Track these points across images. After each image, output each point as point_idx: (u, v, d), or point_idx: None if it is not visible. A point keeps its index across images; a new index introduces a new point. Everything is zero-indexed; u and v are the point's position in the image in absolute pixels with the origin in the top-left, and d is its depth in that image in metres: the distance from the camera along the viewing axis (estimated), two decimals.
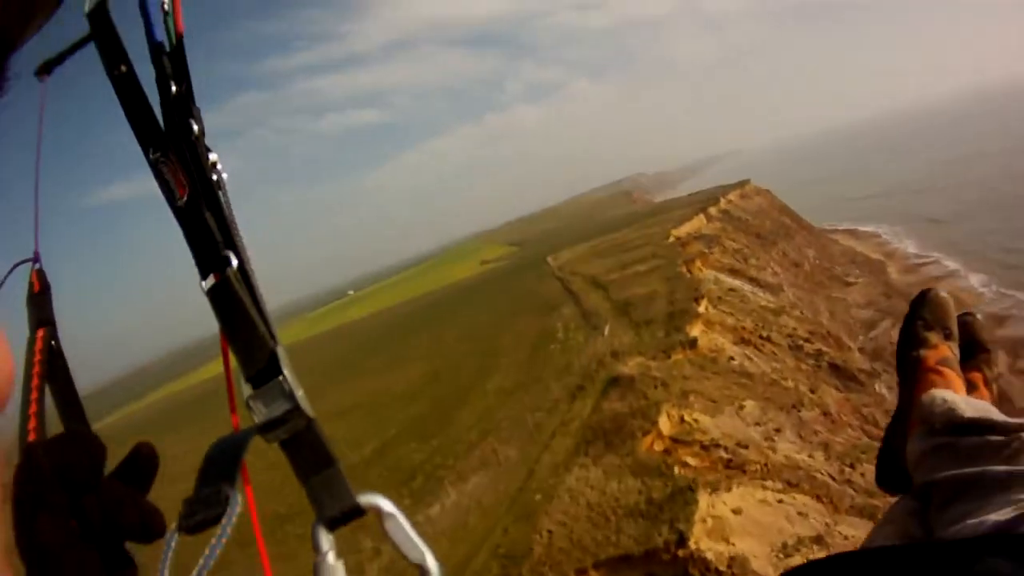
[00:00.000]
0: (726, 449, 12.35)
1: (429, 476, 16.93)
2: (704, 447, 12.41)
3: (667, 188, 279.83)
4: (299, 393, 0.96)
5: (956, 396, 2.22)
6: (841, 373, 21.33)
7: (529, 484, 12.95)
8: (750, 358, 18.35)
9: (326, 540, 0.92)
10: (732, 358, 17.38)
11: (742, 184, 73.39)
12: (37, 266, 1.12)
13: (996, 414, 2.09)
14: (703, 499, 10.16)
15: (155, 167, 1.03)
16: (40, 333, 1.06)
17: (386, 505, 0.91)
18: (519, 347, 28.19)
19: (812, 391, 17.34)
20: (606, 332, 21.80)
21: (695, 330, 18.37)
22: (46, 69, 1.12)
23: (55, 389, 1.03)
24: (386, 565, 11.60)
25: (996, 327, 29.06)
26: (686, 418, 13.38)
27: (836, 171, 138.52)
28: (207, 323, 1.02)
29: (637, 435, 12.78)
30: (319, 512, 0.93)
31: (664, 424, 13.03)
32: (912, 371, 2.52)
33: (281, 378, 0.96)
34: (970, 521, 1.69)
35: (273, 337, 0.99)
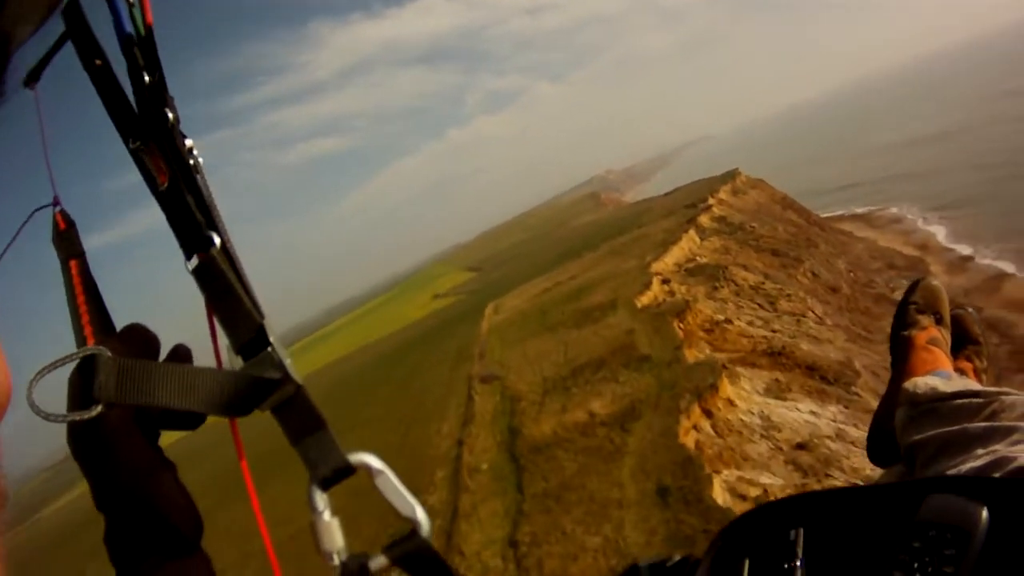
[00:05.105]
0: None
1: None
2: None
3: (638, 183, 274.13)
4: (288, 362, 1.00)
5: (938, 380, 2.23)
6: None
7: None
8: None
9: (321, 500, 0.97)
10: None
11: (732, 176, 58.57)
12: (58, 208, 1.20)
13: (976, 386, 2.29)
14: None
15: (136, 156, 1.07)
16: (73, 263, 1.13)
17: (375, 463, 0.97)
18: None
19: None
20: None
21: None
22: (33, 77, 1.15)
23: (91, 311, 1.10)
24: None
25: None
26: None
27: (812, 152, 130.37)
28: None
29: None
30: (313, 473, 0.98)
31: None
32: (903, 350, 2.65)
33: (270, 349, 1.00)
34: (949, 473, 1.74)
35: (259, 311, 1.02)
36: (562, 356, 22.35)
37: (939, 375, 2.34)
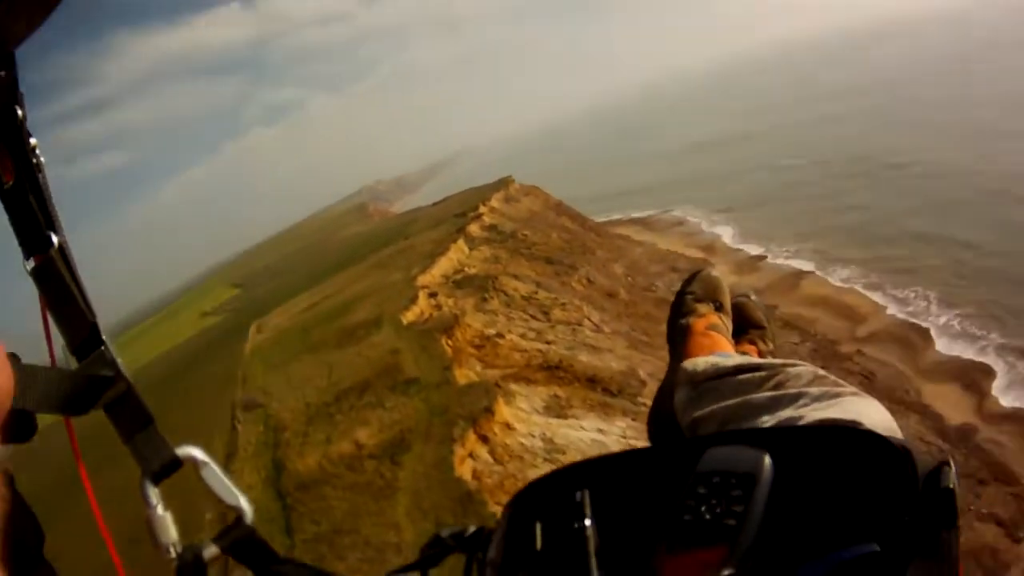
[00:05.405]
0: None
1: None
2: None
3: (407, 193, 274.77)
4: (119, 360, 1.04)
5: (718, 358, 2.20)
6: None
7: None
8: None
9: (153, 494, 1.02)
10: None
11: (504, 183, 57.53)
12: None
13: (760, 360, 2.26)
14: None
15: None
16: None
17: (200, 455, 1.05)
18: None
19: None
20: None
21: None
22: None
23: None
24: None
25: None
26: None
27: (592, 159, 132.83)
28: None
29: None
30: (144, 468, 1.03)
31: None
32: (681, 337, 2.51)
33: (103, 348, 1.04)
34: None
35: (91, 311, 1.05)
36: (326, 379, 20.61)
37: (719, 355, 2.26)
